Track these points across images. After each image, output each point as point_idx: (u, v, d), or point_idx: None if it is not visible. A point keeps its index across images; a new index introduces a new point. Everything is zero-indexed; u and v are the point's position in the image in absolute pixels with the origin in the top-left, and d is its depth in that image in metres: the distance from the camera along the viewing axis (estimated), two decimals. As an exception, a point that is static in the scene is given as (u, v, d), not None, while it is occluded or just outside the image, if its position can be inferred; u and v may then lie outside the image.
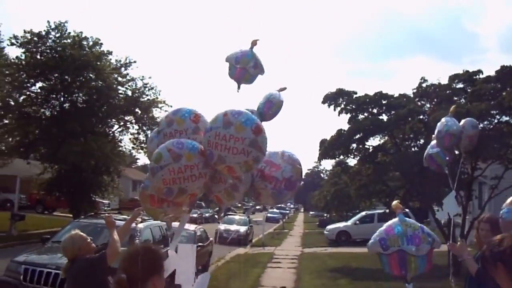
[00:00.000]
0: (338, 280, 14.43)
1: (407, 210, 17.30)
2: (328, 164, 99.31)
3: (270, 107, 5.03)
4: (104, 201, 30.38)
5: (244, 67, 4.89)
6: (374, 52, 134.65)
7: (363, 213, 29.83)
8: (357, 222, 28.66)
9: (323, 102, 18.64)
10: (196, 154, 3.56)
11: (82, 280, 4.27)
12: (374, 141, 18.93)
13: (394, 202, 4.52)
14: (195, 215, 32.38)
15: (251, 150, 3.48)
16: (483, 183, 23.41)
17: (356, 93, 18.44)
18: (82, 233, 4.55)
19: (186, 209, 3.89)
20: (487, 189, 20.76)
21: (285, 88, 5.36)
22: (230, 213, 35.65)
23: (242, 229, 27.42)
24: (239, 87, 4.96)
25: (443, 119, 6.45)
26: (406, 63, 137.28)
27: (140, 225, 9.96)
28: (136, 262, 2.36)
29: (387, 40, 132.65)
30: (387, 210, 21.47)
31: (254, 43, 5.09)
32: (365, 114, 18.35)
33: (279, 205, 57.82)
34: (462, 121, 6.48)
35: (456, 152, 6.86)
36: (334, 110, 18.31)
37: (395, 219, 4.35)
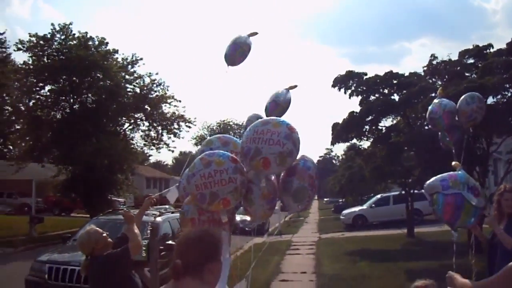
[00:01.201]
0: (358, 263, 14.37)
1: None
2: (340, 150, 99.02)
3: (275, 108, 5.12)
4: (119, 199, 30.55)
5: (245, 50, 5.18)
6: (379, 35, 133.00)
7: (379, 196, 29.70)
8: (373, 205, 28.58)
9: (333, 86, 18.54)
10: (226, 160, 3.71)
11: (107, 276, 4.21)
12: (386, 122, 18.80)
13: (454, 162, 4.50)
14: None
15: (286, 142, 3.66)
16: (498, 159, 23.17)
17: (366, 74, 18.34)
18: (97, 228, 4.48)
19: (225, 217, 3.85)
20: (502, 165, 20.55)
21: (295, 86, 5.39)
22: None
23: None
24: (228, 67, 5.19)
25: (435, 100, 6.30)
26: (413, 44, 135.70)
27: (159, 219, 9.96)
28: (193, 246, 2.24)
29: (391, 22, 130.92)
30: (403, 192, 21.38)
31: (253, 34, 5.14)
32: (376, 95, 18.24)
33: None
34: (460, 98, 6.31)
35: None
36: (345, 93, 18.25)
37: (458, 171, 4.27)
